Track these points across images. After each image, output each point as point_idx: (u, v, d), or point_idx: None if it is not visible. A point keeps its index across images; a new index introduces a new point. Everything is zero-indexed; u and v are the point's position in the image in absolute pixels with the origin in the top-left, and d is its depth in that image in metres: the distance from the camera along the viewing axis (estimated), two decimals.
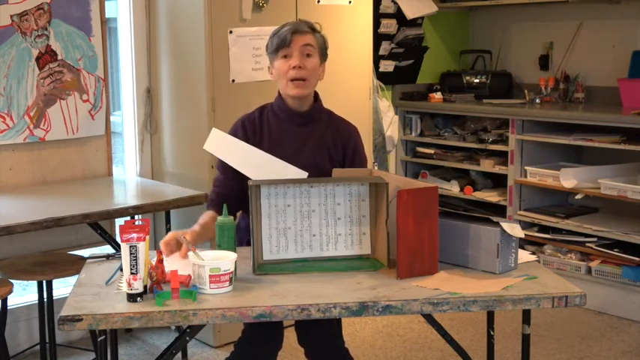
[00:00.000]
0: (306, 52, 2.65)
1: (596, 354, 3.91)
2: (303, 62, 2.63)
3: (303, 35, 2.65)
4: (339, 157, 2.76)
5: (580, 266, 4.52)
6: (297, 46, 2.63)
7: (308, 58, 2.65)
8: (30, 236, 3.66)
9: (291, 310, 2.09)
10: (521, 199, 4.87)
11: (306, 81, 2.65)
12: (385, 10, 5.20)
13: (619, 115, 4.47)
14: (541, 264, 2.71)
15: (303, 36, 2.64)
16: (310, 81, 2.67)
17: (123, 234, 2.11)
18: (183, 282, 2.18)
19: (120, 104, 4.39)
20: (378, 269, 2.39)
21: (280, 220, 2.44)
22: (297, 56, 2.63)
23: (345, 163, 2.75)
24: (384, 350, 3.96)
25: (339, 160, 2.76)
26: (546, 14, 5.31)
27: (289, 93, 2.68)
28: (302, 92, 2.67)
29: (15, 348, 3.75)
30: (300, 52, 2.63)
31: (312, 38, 2.67)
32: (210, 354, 3.90)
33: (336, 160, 2.75)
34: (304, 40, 2.64)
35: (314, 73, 2.67)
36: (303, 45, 2.64)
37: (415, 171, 5.52)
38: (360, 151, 2.82)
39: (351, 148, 2.78)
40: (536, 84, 5.23)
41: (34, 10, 3.74)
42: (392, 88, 5.46)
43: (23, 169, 3.81)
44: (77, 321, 2.02)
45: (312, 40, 2.67)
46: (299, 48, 2.63)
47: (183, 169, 4.10)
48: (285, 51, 2.64)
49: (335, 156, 2.75)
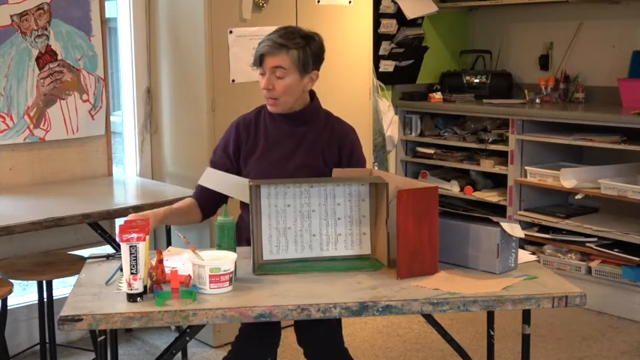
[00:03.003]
0: (277, 74, 2.67)
1: (596, 354, 3.91)
2: (272, 84, 2.68)
3: (274, 57, 2.66)
4: (334, 157, 2.75)
5: (580, 266, 4.52)
6: (268, 67, 2.67)
7: (278, 79, 2.67)
8: (30, 236, 3.66)
9: (291, 310, 2.09)
10: (521, 199, 4.87)
11: (277, 100, 2.71)
12: (385, 10, 5.20)
13: (619, 115, 4.47)
14: (541, 264, 2.71)
15: (273, 58, 2.66)
16: (281, 99, 2.71)
17: (123, 234, 2.11)
18: (183, 282, 2.18)
19: (120, 104, 4.39)
20: (378, 269, 2.39)
21: (280, 220, 2.44)
22: (267, 78, 2.68)
23: (342, 164, 2.75)
24: (384, 350, 3.96)
25: (334, 161, 2.75)
26: (546, 14, 5.31)
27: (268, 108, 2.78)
28: (275, 110, 2.75)
29: (15, 348, 3.75)
30: (271, 72, 2.67)
31: (284, 58, 2.66)
32: (210, 354, 3.90)
33: (330, 161, 2.74)
34: (274, 62, 2.66)
35: (286, 92, 2.69)
36: (273, 67, 2.66)
37: (415, 171, 5.52)
38: (356, 152, 2.81)
39: (347, 148, 2.78)
40: (536, 84, 5.23)
41: (34, 10, 3.75)
42: (392, 88, 5.46)
43: (23, 169, 3.81)
44: (77, 321, 2.02)
45: (283, 61, 2.66)
46: (269, 69, 2.67)
47: (183, 169, 4.10)
48: (259, 70, 2.72)
49: (330, 157, 2.75)
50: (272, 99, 2.71)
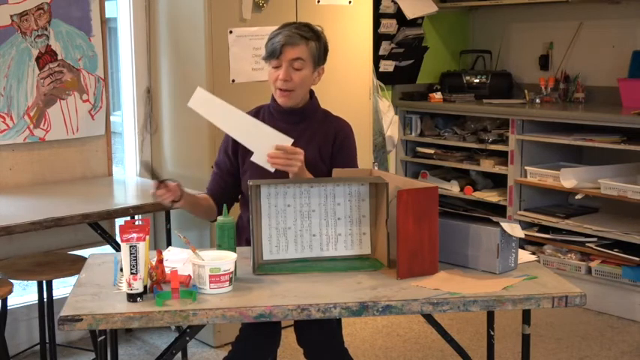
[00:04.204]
0: (295, 66, 2.69)
1: (596, 354, 3.91)
2: (290, 75, 2.69)
3: (294, 48, 2.68)
4: (329, 152, 2.79)
5: (580, 266, 4.52)
6: (287, 59, 2.68)
7: (296, 71, 2.69)
8: (30, 236, 3.66)
9: (291, 310, 2.09)
10: (521, 199, 4.87)
11: (293, 92, 2.72)
12: (385, 10, 5.20)
13: (619, 115, 4.47)
14: (541, 264, 2.71)
15: (293, 49, 2.68)
16: (297, 91, 2.73)
17: (123, 234, 2.11)
18: (183, 282, 2.19)
19: (120, 104, 4.39)
20: (378, 269, 2.39)
21: (280, 220, 2.44)
22: (285, 69, 2.68)
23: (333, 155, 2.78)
24: (384, 350, 3.96)
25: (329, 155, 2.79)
26: (546, 14, 5.31)
27: (277, 100, 2.77)
28: (287, 102, 2.75)
29: (15, 348, 3.75)
30: (289, 64, 2.68)
31: (303, 50, 2.69)
32: (210, 354, 3.90)
33: (326, 157, 2.78)
34: (294, 54, 2.68)
35: (302, 85, 2.72)
36: (292, 59, 2.68)
37: (415, 171, 5.52)
38: (347, 146, 2.83)
39: (339, 140, 2.81)
40: (536, 84, 5.23)
41: (34, 10, 3.74)
42: (392, 88, 5.46)
43: (23, 169, 3.81)
44: (77, 321, 2.02)
45: (303, 53, 2.69)
46: (288, 61, 2.68)
47: (183, 169, 4.10)
48: (275, 62, 2.70)
49: (325, 152, 2.78)
50: (286, 91, 2.71)
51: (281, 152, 2.57)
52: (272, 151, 2.57)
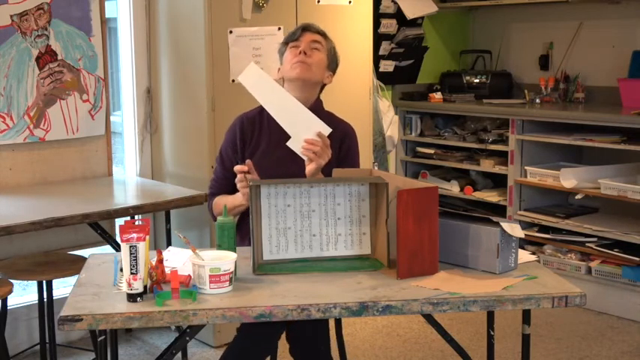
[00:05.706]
0: (314, 46, 2.77)
1: (596, 354, 3.91)
2: (309, 52, 2.76)
3: (313, 34, 2.80)
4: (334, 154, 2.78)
5: (580, 266, 4.53)
6: (306, 40, 2.77)
7: (315, 50, 2.77)
8: (30, 236, 3.66)
9: (291, 310, 2.09)
10: (521, 199, 4.87)
11: (310, 66, 2.75)
12: (385, 10, 5.20)
13: (619, 115, 4.47)
14: (541, 264, 2.71)
15: (312, 34, 2.79)
16: (313, 69, 2.76)
17: (123, 234, 2.11)
18: (183, 282, 2.18)
19: (120, 104, 4.39)
20: (378, 269, 2.39)
21: (280, 220, 2.44)
22: (306, 45, 2.77)
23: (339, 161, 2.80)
24: (384, 350, 3.96)
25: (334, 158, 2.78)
26: (546, 14, 5.31)
27: (292, 75, 2.76)
28: (304, 73, 2.75)
29: (15, 348, 3.75)
30: (308, 45, 2.76)
31: (321, 38, 2.81)
32: (210, 354, 3.90)
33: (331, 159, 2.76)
34: (313, 37, 2.79)
35: (319, 65, 2.78)
36: (312, 41, 2.77)
37: (415, 171, 5.52)
38: (353, 151, 2.87)
39: (345, 145, 2.84)
40: (536, 84, 5.23)
41: (34, 10, 3.74)
42: (392, 88, 5.46)
43: (23, 169, 3.81)
44: (77, 321, 2.02)
45: (321, 40, 2.80)
46: (307, 42, 2.77)
47: (183, 169, 4.10)
48: (293, 44, 2.78)
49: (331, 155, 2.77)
50: (304, 63, 2.74)
51: (319, 141, 2.60)
52: (310, 137, 2.62)
